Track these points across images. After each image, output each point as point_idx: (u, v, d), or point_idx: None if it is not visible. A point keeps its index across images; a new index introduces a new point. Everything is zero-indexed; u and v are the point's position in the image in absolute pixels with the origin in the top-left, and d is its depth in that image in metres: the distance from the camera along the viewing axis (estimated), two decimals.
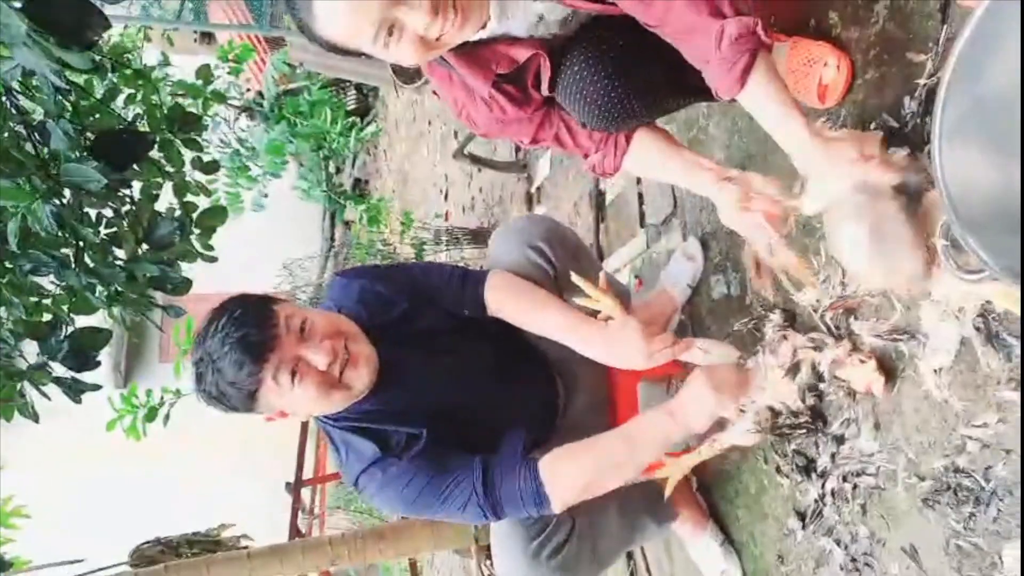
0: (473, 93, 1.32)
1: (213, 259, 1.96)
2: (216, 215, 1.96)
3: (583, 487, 1.44)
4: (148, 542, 2.68)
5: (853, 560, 1.36)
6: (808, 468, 1.47)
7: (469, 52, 1.25)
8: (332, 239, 7.62)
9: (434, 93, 1.26)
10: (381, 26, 1.07)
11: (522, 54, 1.25)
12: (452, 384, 1.58)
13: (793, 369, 1.39)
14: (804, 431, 1.43)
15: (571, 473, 1.43)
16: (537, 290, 1.56)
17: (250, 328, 1.33)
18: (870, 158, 1.10)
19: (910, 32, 1.26)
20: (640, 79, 1.28)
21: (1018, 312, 1.03)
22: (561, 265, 1.60)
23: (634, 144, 1.41)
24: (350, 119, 4.61)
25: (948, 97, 0.81)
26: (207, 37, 7.38)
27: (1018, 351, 1.05)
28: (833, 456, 1.41)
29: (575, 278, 1.46)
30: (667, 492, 1.53)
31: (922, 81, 1.22)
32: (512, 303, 1.56)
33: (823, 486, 1.42)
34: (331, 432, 1.54)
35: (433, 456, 1.46)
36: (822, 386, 1.40)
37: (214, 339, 1.33)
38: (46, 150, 1.66)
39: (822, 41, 1.41)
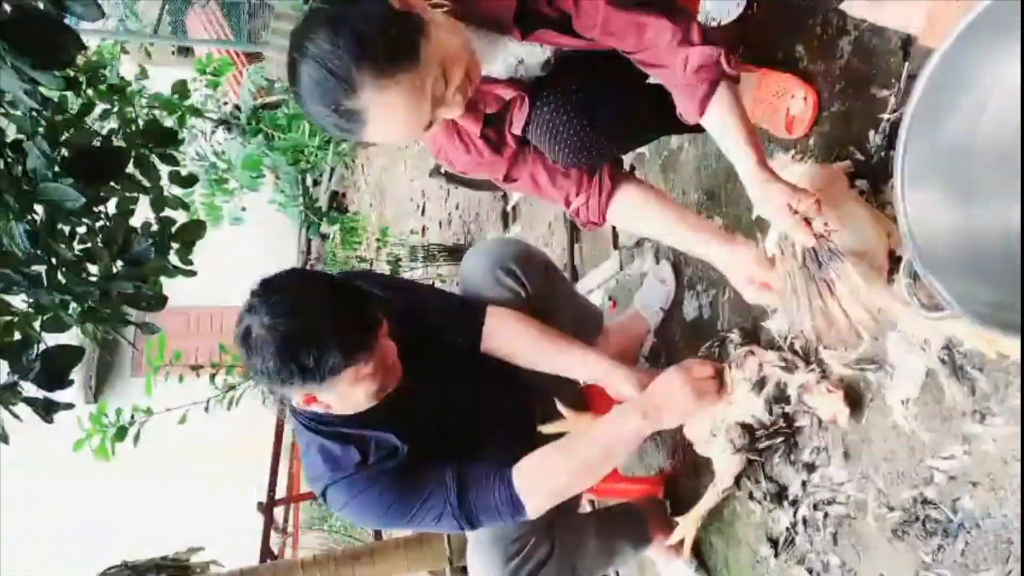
0: (452, 134, 1.34)
1: (192, 273, 1.93)
2: (195, 229, 1.93)
3: (558, 492, 1.43)
4: (115, 567, 2.62)
5: None
6: (780, 495, 1.48)
7: None
8: (308, 251, 7.57)
9: None
10: (424, 128, 1.15)
11: (507, 92, 1.29)
12: (434, 397, 1.54)
13: (759, 384, 1.40)
14: (783, 442, 1.43)
15: (545, 479, 1.42)
16: (536, 331, 1.56)
17: (362, 320, 1.29)
18: (795, 212, 1.12)
19: (874, 68, 1.29)
20: (609, 117, 1.30)
21: (985, 351, 1.05)
22: (534, 288, 1.61)
23: (620, 195, 1.40)
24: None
25: (908, 143, 0.82)
26: (185, 50, 7.33)
27: (982, 385, 1.07)
28: (804, 484, 1.42)
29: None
30: (686, 553, 1.64)
31: (886, 116, 1.25)
32: (509, 347, 1.57)
33: (795, 514, 1.43)
34: (308, 436, 1.48)
35: (407, 469, 1.44)
36: (788, 408, 1.41)
37: (323, 315, 1.25)
38: (20, 168, 1.63)
39: (790, 74, 1.43)
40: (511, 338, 1.56)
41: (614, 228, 2.31)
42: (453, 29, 1.12)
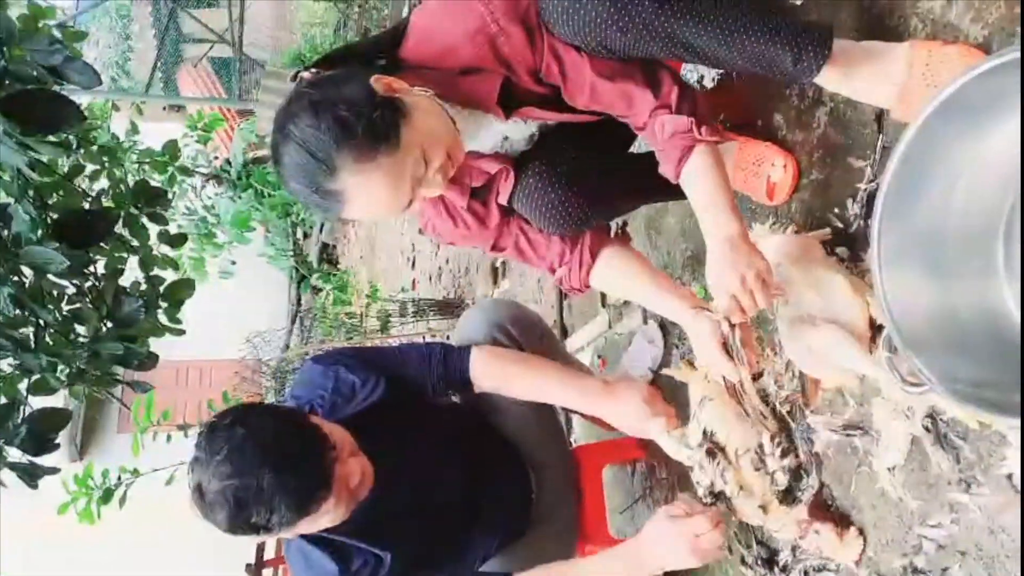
0: (439, 207, 1.37)
1: (180, 332, 1.93)
2: (183, 287, 1.94)
3: None
4: None
5: None
6: (771, 561, 1.47)
7: None
8: (299, 303, 7.56)
9: None
10: (405, 208, 1.18)
11: (491, 166, 1.31)
12: (424, 484, 1.53)
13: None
14: None
15: None
16: (526, 356, 1.56)
17: (312, 473, 1.25)
18: (747, 290, 1.17)
19: (849, 138, 1.32)
20: (592, 187, 1.33)
21: (967, 421, 1.06)
22: (530, 349, 1.61)
23: (601, 263, 1.42)
24: None
25: (883, 223, 0.84)
26: (177, 106, 7.43)
27: (966, 453, 1.08)
28: (794, 550, 1.41)
29: None
30: None
31: (862, 186, 1.28)
32: (502, 370, 1.54)
33: None
34: (288, 543, 1.49)
35: None
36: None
37: (270, 473, 1.20)
38: (6, 232, 1.64)
39: (769, 142, 1.47)
40: (500, 372, 1.54)
41: None
42: (435, 112, 1.15)
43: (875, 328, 1.18)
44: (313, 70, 1.21)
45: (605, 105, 1.22)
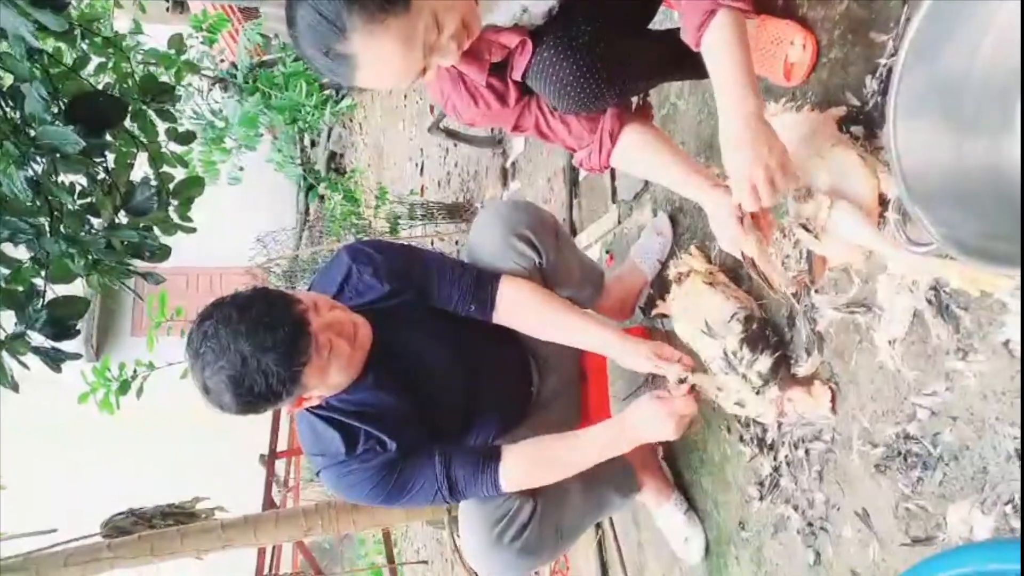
0: (458, 84, 1.36)
1: (192, 229, 1.94)
2: (193, 185, 1.94)
3: (536, 484, 1.58)
4: (121, 513, 2.68)
5: (809, 524, 1.42)
6: (762, 440, 1.53)
7: None
8: (307, 212, 7.57)
9: None
10: (417, 74, 1.16)
11: (511, 39, 1.29)
12: (426, 374, 1.59)
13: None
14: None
15: (527, 478, 1.55)
16: (548, 301, 1.59)
17: (284, 325, 1.33)
18: (767, 179, 1.15)
19: (873, 12, 1.29)
20: (608, 63, 1.31)
21: (969, 290, 1.07)
22: (547, 253, 1.63)
23: (623, 141, 1.42)
24: (325, 92, 4.57)
25: (903, 75, 0.84)
26: (180, 6, 7.23)
27: (966, 323, 1.10)
28: (779, 427, 1.47)
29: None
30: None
31: (883, 61, 1.26)
32: (523, 320, 1.61)
33: (775, 457, 1.48)
34: (301, 417, 1.56)
35: (398, 463, 1.51)
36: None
37: (247, 343, 1.30)
38: (18, 115, 1.64)
39: (789, 20, 1.43)
40: (523, 311, 1.59)
41: (613, 182, 2.32)
42: None
43: (884, 204, 1.19)
44: None
45: None
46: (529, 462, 1.54)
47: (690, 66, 1.36)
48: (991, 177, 0.84)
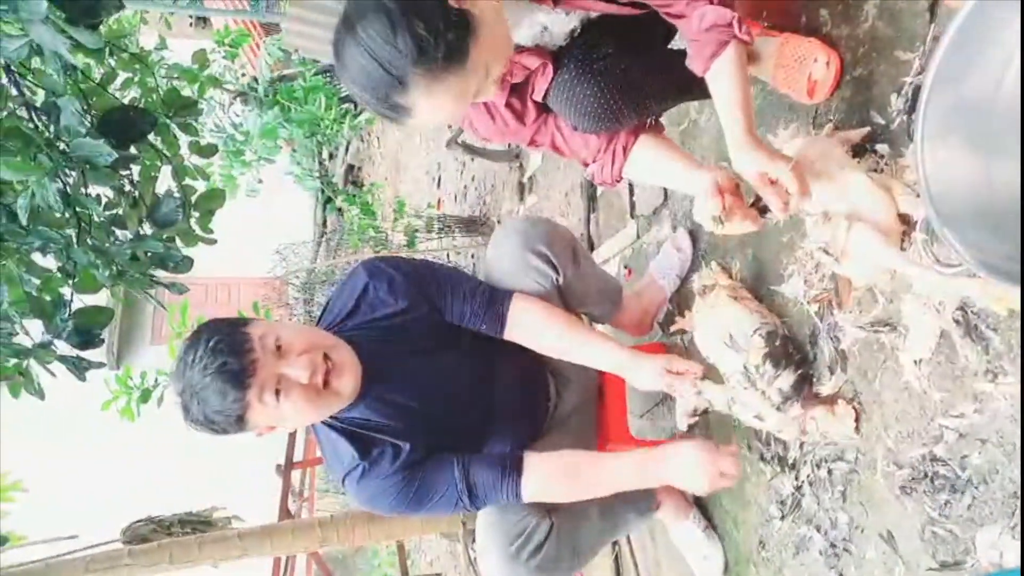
0: (478, 104, 1.38)
1: (213, 241, 1.97)
2: (215, 198, 1.97)
3: (555, 500, 1.55)
4: (140, 520, 2.70)
5: (832, 545, 1.40)
6: (783, 459, 1.52)
7: None
8: (324, 225, 7.62)
9: None
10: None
11: (532, 61, 1.31)
12: (439, 389, 1.58)
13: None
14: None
15: (547, 493, 1.52)
16: (558, 320, 1.58)
17: (227, 356, 1.33)
18: (771, 181, 1.19)
19: (899, 31, 1.29)
20: (627, 84, 1.33)
21: (998, 310, 1.06)
22: (563, 269, 1.62)
23: (634, 154, 1.44)
24: (344, 106, 4.61)
25: (931, 97, 0.83)
26: (203, 21, 7.34)
27: (995, 344, 1.09)
28: (801, 446, 1.45)
29: None
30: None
31: (909, 79, 1.25)
32: (535, 339, 1.59)
33: (796, 476, 1.47)
34: (318, 430, 1.57)
35: (416, 470, 1.50)
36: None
37: (194, 370, 1.34)
38: (51, 128, 1.67)
39: (813, 38, 1.44)
40: (534, 330, 1.58)
41: (631, 197, 2.33)
42: (499, 22, 1.14)
43: (906, 223, 1.19)
44: None
45: None
46: (552, 474, 1.52)
47: (703, 88, 1.37)
48: (1018, 199, 0.84)
